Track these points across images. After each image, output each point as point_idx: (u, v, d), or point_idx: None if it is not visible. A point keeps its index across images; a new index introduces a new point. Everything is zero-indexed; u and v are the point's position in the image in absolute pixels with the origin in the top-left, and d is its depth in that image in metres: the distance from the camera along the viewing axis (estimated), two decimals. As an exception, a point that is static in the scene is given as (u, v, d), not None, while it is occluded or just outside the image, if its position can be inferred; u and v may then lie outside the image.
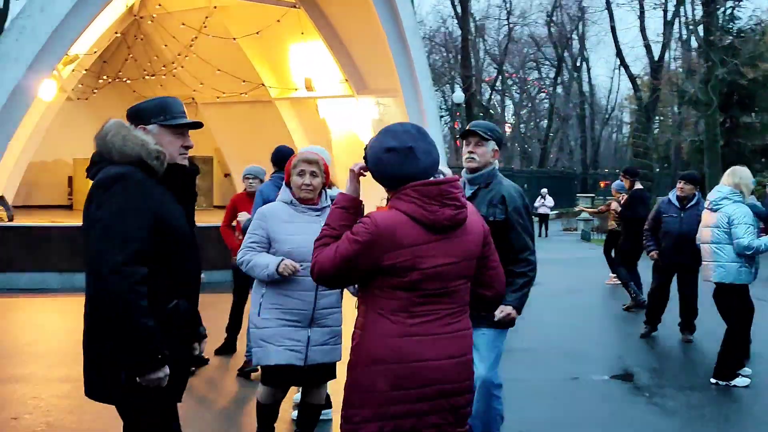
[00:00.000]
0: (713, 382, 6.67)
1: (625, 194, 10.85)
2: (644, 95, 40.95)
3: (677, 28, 38.54)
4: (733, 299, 6.68)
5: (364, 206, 3.07)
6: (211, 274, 11.11)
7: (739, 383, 6.60)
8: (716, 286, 6.75)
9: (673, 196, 8.37)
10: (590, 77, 56.51)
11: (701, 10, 28.71)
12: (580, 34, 52.75)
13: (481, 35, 52.07)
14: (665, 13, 38.99)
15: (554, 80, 54.87)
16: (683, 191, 8.27)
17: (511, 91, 58.74)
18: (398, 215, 2.80)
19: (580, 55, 54.03)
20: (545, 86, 57.89)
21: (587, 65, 55.59)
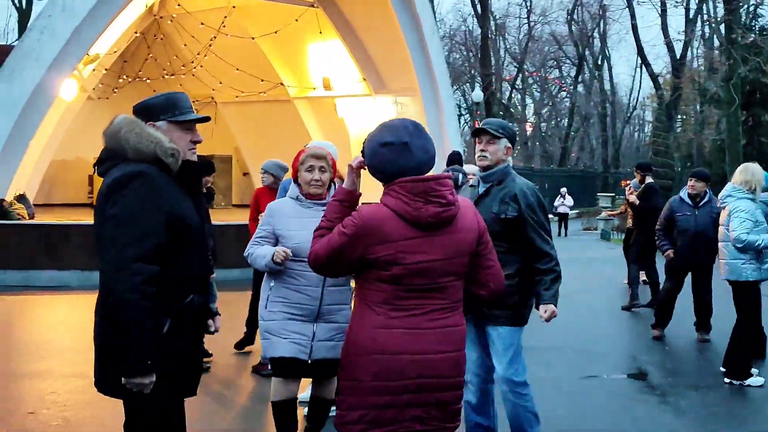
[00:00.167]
0: (726, 381, 6.64)
1: (634, 189, 10.81)
2: (666, 94, 40.65)
3: (699, 26, 38.27)
4: (739, 296, 6.65)
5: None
6: (229, 272, 11.21)
7: (753, 383, 6.55)
8: (730, 284, 6.74)
9: (684, 194, 8.32)
10: (611, 76, 56.27)
11: (723, 8, 28.47)
12: (601, 32, 52.51)
13: (501, 34, 51.96)
14: (687, 11, 38.67)
15: (575, 79, 54.61)
16: (695, 188, 8.22)
17: (531, 89, 58.53)
18: (384, 210, 2.85)
19: (601, 53, 53.74)
20: (566, 85, 57.62)
21: (608, 64, 55.34)
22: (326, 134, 20.10)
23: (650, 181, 10.49)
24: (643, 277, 10.93)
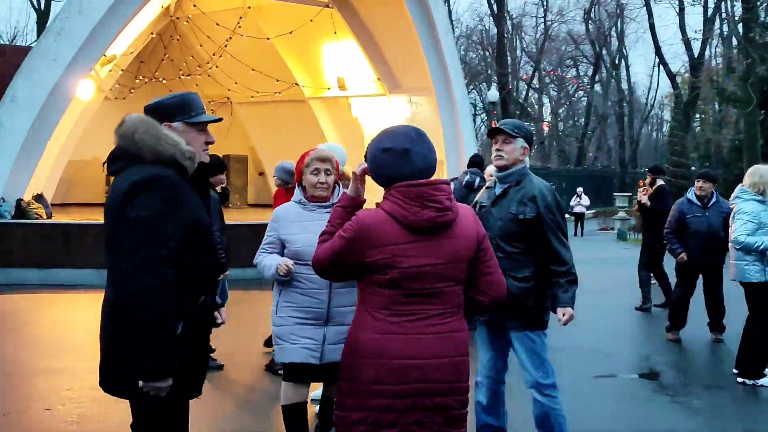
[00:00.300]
0: (740, 381, 6.62)
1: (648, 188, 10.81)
2: (684, 93, 40.40)
3: (717, 24, 38.01)
4: (747, 297, 6.64)
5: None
6: (244, 271, 11.24)
7: (766, 383, 6.53)
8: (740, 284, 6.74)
9: (692, 195, 8.28)
10: (629, 75, 55.93)
11: (741, 6, 28.26)
12: (618, 31, 52.18)
13: (518, 33, 51.84)
14: (705, 9, 38.47)
15: (592, 78, 54.35)
16: (702, 190, 8.19)
17: (548, 89, 58.31)
18: (381, 214, 2.88)
19: (618, 52, 53.44)
20: (583, 84, 57.36)
21: (626, 63, 55.01)
22: (341, 134, 20.18)
23: (661, 183, 10.48)
24: (653, 280, 10.93)
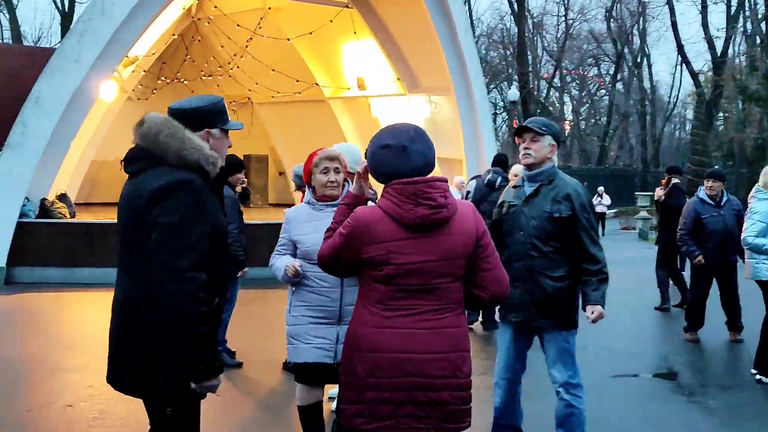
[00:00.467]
0: (757, 378, 6.60)
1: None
2: (707, 91, 40.03)
3: (741, 22, 37.63)
4: (765, 295, 6.63)
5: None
6: (262, 270, 11.32)
7: (785, 382, 6.51)
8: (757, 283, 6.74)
9: (704, 195, 8.23)
10: (651, 73, 55.43)
11: (764, 4, 27.99)
12: (640, 29, 51.76)
13: (539, 32, 51.62)
14: (728, 7, 38.10)
15: (614, 77, 53.97)
16: (713, 189, 8.15)
17: (569, 88, 58.00)
18: (377, 211, 2.93)
19: (640, 51, 52.98)
20: (605, 83, 56.98)
21: (648, 61, 54.54)
22: (360, 134, 20.22)
23: (676, 181, 10.47)
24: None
